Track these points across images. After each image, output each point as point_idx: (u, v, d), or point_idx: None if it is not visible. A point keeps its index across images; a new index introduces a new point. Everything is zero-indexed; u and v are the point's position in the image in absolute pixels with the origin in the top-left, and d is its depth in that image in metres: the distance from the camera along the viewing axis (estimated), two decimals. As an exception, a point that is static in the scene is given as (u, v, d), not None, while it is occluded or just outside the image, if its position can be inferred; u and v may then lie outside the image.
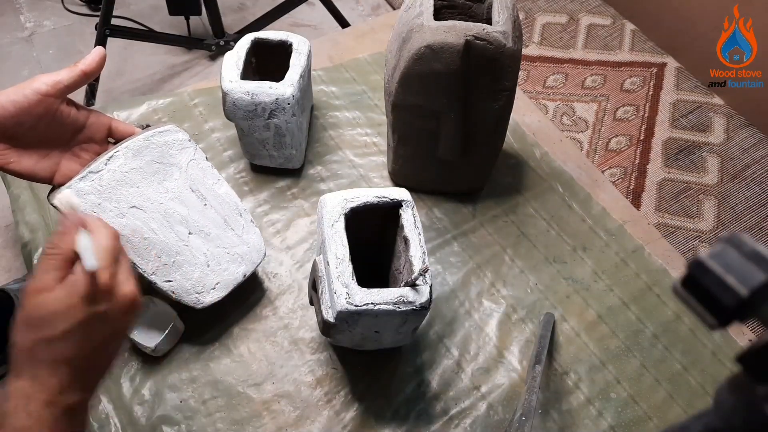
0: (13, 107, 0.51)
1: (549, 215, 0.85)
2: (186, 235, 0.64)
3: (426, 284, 0.56)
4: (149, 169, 0.62)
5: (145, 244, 0.61)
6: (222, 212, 0.67)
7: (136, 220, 0.61)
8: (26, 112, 0.52)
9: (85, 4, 1.59)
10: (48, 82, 0.52)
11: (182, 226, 0.64)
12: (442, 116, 0.72)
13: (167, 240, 0.63)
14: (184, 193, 0.64)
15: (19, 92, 0.51)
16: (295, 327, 0.73)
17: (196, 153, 0.66)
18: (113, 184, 0.59)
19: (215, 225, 0.66)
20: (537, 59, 1.45)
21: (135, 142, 0.61)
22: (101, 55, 0.56)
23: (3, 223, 1.11)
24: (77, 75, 0.54)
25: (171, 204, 0.63)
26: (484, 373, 0.71)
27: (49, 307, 0.41)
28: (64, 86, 0.53)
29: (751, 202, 1.20)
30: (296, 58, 0.78)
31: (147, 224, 0.61)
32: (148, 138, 0.61)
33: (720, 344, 0.74)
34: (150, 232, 0.61)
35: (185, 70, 1.47)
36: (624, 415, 0.69)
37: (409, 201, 0.62)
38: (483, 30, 0.65)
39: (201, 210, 0.65)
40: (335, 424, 0.66)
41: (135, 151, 0.61)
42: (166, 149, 0.63)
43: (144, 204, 0.61)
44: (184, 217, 0.64)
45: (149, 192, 0.62)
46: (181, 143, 0.64)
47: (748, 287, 0.23)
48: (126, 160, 0.60)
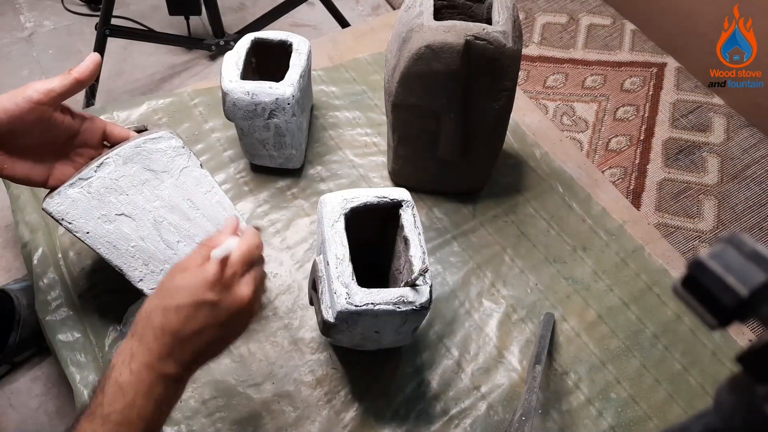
0: (5, 115, 0.51)
1: (549, 215, 0.85)
2: (175, 244, 0.64)
3: (426, 284, 0.56)
4: (140, 176, 0.61)
5: (133, 251, 0.61)
6: (214, 220, 0.66)
7: (124, 227, 0.61)
8: (19, 120, 0.52)
9: (85, 4, 1.59)
10: (40, 89, 0.52)
11: (172, 234, 0.63)
12: (442, 116, 0.72)
13: (156, 248, 0.62)
14: (175, 201, 0.64)
15: (11, 100, 0.51)
16: (295, 327, 0.73)
17: (189, 160, 0.65)
18: (102, 191, 0.59)
19: (206, 233, 0.65)
20: (537, 59, 1.45)
21: (126, 149, 0.60)
22: (95, 61, 0.55)
23: (3, 223, 1.11)
24: (70, 83, 0.54)
25: (161, 212, 0.63)
26: (484, 373, 0.71)
27: (178, 282, 0.46)
28: (56, 94, 0.53)
29: (751, 202, 1.20)
30: (296, 58, 0.78)
31: (136, 232, 0.61)
32: (139, 145, 0.61)
33: (720, 344, 0.74)
34: (138, 240, 0.61)
35: (185, 70, 1.47)
36: (624, 415, 0.69)
37: (409, 201, 0.62)
38: (483, 30, 0.65)
39: (192, 218, 0.65)
40: (335, 424, 0.66)
41: (125, 159, 0.60)
42: (159, 156, 0.62)
43: (133, 212, 0.61)
44: (174, 225, 0.64)
45: (139, 199, 0.62)
46: (174, 150, 0.63)
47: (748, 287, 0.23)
48: (116, 167, 0.60)
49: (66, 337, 0.70)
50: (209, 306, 0.46)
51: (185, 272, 0.46)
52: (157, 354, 0.44)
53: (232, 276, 0.47)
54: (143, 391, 0.44)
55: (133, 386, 0.43)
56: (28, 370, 0.93)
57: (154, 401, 0.44)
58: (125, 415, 0.43)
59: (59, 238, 0.78)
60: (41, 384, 0.92)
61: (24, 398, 0.91)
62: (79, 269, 0.76)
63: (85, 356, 0.69)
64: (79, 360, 0.69)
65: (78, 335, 0.71)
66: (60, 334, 0.71)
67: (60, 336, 0.70)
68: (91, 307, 0.73)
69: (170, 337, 0.45)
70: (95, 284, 0.75)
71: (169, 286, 0.46)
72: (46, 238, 0.78)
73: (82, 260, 0.77)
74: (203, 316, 0.45)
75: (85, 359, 0.69)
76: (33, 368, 0.94)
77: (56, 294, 0.74)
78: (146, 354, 0.44)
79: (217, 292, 0.46)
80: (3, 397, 0.91)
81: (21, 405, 0.91)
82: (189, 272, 0.46)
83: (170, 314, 0.45)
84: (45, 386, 0.92)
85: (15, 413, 0.90)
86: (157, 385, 0.44)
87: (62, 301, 0.73)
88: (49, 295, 0.73)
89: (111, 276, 0.75)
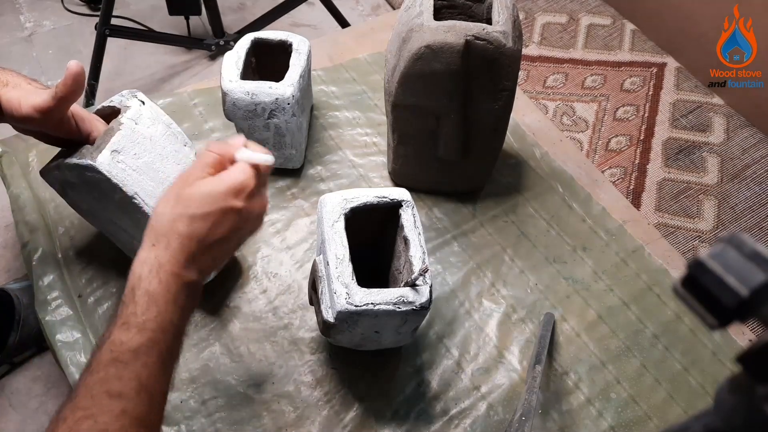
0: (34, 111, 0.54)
1: (549, 215, 0.85)
2: None
3: (426, 284, 0.56)
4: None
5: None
6: None
7: None
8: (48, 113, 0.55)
9: (84, 4, 1.59)
10: (36, 108, 0.54)
11: None
12: (442, 116, 0.72)
13: None
14: None
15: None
16: (295, 327, 0.73)
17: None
18: None
19: None
20: (537, 59, 1.45)
21: None
22: (75, 73, 0.53)
23: (3, 223, 1.11)
24: (55, 103, 0.54)
25: None
26: (484, 373, 0.71)
27: (201, 190, 0.46)
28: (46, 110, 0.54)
29: (751, 202, 1.20)
30: (296, 58, 0.78)
31: None
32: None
33: (720, 344, 0.74)
34: None
35: (185, 70, 1.47)
36: (624, 415, 0.69)
37: (409, 201, 0.62)
38: (483, 30, 0.65)
39: None
40: (335, 424, 0.66)
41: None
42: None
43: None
44: None
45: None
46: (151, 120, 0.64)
47: (748, 287, 0.23)
48: None
49: (66, 337, 0.70)
50: (236, 212, 0.47)
51: (203, 180, 0.47)
52: (184, 263, 0.45)
53: (256, 187, 0.48)
54: (172, 299, 0.45)
55: (163, 295, 0.44)
56: (28, 370, 0.93)
57: (181, 308, 0.45)
58: (158, 322, 0.44)
59: (59, 238, 0.78)
60: (41, 384, 0.92)
61: (24, 398, 0.91)
62: (79, 269, 0.76)
63: (85, 356, 0.69)
64: (79, 360, 0.69)
65: (78, 335, 0.71)
66: (60, 334, 0.71)
67: (60, 336, 0.70)
68: (91, 307, 0.73)
69: (197, 244, 0.46)
70: (95, 284, 0.75)
71: (188, 193, 0.46)
72: (46, 238, 0.78)
73: (82, 260, 0.77)
74: (228, 222, 0.47)
75: (85, 359, 0.69)
76: (33, 368, 0.94)
77: (56, 294, 0.74)
78: (173, 263, 0.45)
79: (243, 199, 0.47)
80: (3, 397, 0.91)
81: (21, 405, 0.91)
82: (207, 180, 0.47)
83: (197, 222, 0.45)
84: (45, 386, 0.92)
85: (15, 413, 0.90)
86: (182, 292, 0.45)
87: (62, 301, 0.73)
88: (49, 295, 0.73)
89: (111, 276, 0.75)
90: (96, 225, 0.71)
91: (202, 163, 0.48)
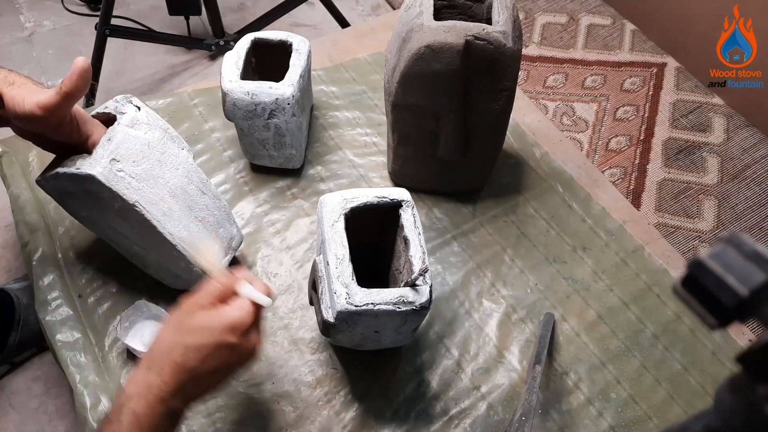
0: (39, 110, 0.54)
1: (549, 215, 0.85)
2: None
3: (426, 284, 0.56)
4: None
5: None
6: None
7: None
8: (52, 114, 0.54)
9: (84, 4, 1.59)
10: (39, 105, 0.53)
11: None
12: (442, 116, 0.72)
13: None
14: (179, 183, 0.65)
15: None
16: (295, 327, 0.73)
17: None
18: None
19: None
20: (537, 59, 1.44)
21: None
22: (82, 69, 0.54)
23: (3, 223, 1.11)
24: (61, 97, 0.54)
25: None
26: (484, 373, 0.71)
27: (200, 321, 0.48)
28: (51, 108, 0.54)
29: (751, 202, 1.20)
30: (296, 58, 0.78)
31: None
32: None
33: (720, 344, 0.74)
34: None
35: (185, 70, 1.47)
36: (624, 415, 0.69)
37: (409, 201, 0.62)
38: (483, 30, 0.65)
39: None
40: (335, 424, 0.66)
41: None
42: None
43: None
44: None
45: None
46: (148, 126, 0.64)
47: (748, 287, 0.23)
48: None
49: (66, 337, 0.70)
50: (230, 347, 0.48)
51: (204, 311, 0.48)
52: (172, 390, 0.46)
53: (253, 323, 0.50)
54: (155, 423, 0.46)
55: (148, 418, 0.45)
56: (28, 370, 0.93)
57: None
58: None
59: (59, 238, 0.78)
60: (41, 384, 0.92)
61: (24, 398, 0.91)
62: (79, 269, 0.76)
63: (85, 356, 0.69)
64: (79, 360, 0.69)
65: (78, 335, 0.71)
66: (60, 334, 0.71)
67: (60, 336, 0.70)
68: (91, 307, 0.73)
69: (187, 374, 0.47)
70: (95, 284, 0.75)
71: (189, 324, 0.48)
72: (46, 238, 0.78)
73: (82, 260, 0.77)
74: (221, 356, 0.48)
75: (85, 359, 0.69)
76: (33, 368, 0.94)
77: (56, 294, 0.74)
78: (162, 389, 0.46)
79: (238, 336, 0.48)
80: (3, 397, 0.91)
81: (21, 405, 0.91)
82: (208, 311, 0.48)
83: (191, 353, 0.47)
84: (45, 386, 0.92)
85: (15, 413, 0.90)
86: (164, 420, 0.47)
87: (62, 301, 0.73)
88: (49, 295, 0.73)
89: (111, 276, 0.75)
90: (95, 231, 0.71)
91: (207, 293, 0.49)
